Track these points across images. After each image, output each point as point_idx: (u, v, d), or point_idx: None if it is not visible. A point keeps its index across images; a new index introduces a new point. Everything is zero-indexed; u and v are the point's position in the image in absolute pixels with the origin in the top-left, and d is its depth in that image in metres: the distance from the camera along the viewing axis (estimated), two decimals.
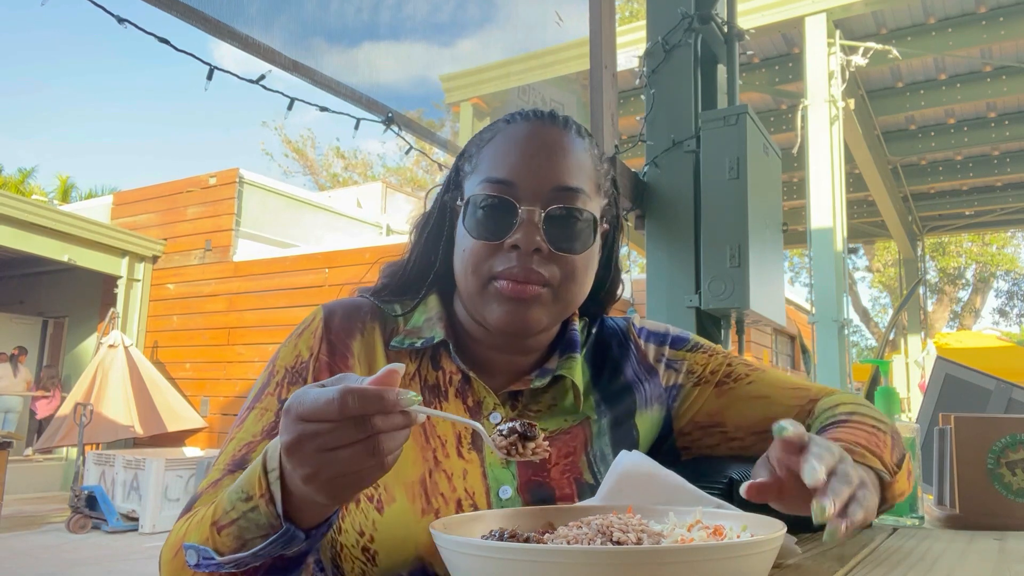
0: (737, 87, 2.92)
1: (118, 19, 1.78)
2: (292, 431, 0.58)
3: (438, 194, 1.00)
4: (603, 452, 0.91)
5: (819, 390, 1.00)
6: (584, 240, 0.89)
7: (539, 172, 0.88)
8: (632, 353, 1.01)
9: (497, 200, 0.87)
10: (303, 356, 0.89)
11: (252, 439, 0.83)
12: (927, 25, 6.02)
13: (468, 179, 0.93)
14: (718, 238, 2.52)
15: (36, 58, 74.71)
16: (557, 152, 0.90)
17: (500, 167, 0.89)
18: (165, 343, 10.21)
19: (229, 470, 0.81)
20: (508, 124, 0.94)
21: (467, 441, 0.88)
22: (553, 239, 0.86)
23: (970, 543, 0.99)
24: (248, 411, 0.87)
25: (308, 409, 0.57)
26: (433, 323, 0.93)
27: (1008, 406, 1.59)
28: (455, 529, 0.59)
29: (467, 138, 1.01)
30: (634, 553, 0.49)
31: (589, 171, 0.93)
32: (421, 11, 3.12)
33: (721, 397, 0.99)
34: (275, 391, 0.87)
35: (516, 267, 0.85)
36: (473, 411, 0.90)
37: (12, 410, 10.38)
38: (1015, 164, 8.08)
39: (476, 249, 0.88)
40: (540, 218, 0.86)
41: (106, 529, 7.10)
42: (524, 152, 0.89)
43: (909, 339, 10.42)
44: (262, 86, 2.12)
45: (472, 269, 0.88)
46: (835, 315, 5.50)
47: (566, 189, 0.88)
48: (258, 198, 10.42)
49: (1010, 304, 22.03)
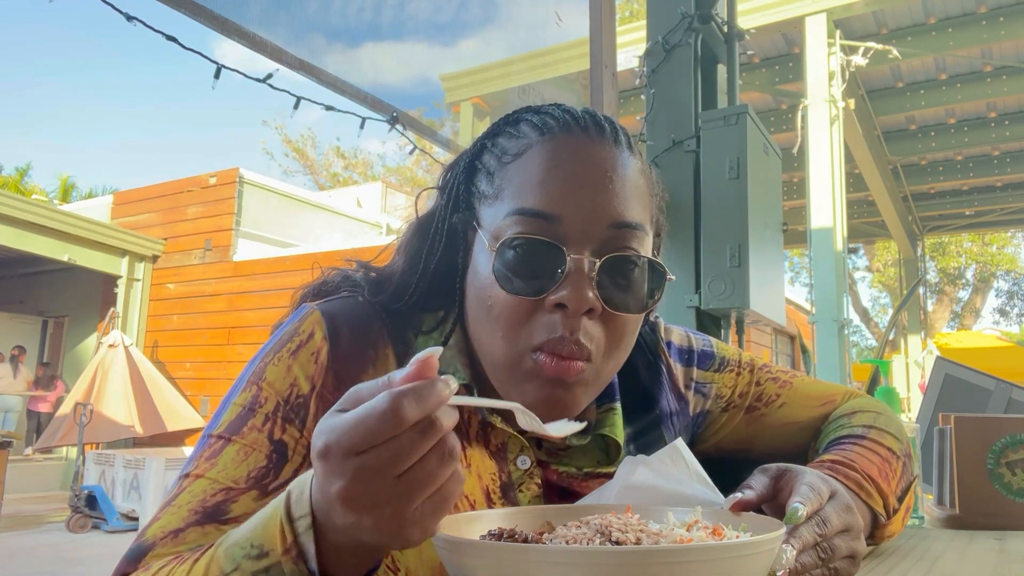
0: (737, 87, 2.92)
1: (127, 16, 1.79)
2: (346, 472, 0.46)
3: (440, 211, 0.79)
4: None
5: (843, 395, 0.97)
6: (642, 299, 0.72)
7: (593, 203, 0.69)
8: (664, 380, 0.88)
9: (538, 244, 0.68)
10: (301, 388, 0.71)
11: (233, 485, 0.66)
12: (927, 25, 6.02)
13: (487, 204, 0.74)
14: (718, 238, 2.52)
15: (36, 55, 74.77)
16: (614, 178, 0.71)
17: (538, 194, 0.70)
18: (165, 343, 10.22)
19: (196, 520, 0.64)
20: (542, 136, 0.73)
21: (496, 495, 0.75)
22: (608, 297, 0.69)
23: (970, 543, 0.99)
24: (224, 442, 0.69)
25: (358, 436, 0.45)
26: (454, 358, 0.77)
27: (1008, 406, 1.59)
28: (454, 529, 0.59)
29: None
30: (633, 553, 0.49)
31: (646, 200, 0.75)
32: (423, 11, 3.12)
33: (751, 425, 0.93)
34: (264, 426, 0.69)
35: (559, 337, 0.68)
36: (498, 456, 0.76)
37: (12, 410, 10.39)
38: (1015, 164, 8.08)
39: (510, 308, 0.69)
40: (594, 268, 0.68)
41: (106, 529, 7.10)
42: (571, 175, 0.70)
43: (909, 339, 10.43)
44: (269, 85, 2.13)
45: (505, 334, 0.70)
46: (835, 315, 5.50)
47: (627, 226, 0.70)
48: (258, 198, 10.42)
49: (1010, 304, 22.04)
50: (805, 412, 0.94)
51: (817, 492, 0.65)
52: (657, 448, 0.77)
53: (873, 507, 0.78)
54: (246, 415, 0.70)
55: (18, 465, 9.19)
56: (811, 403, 0.95)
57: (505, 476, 0.76)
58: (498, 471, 0.76)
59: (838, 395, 0.97)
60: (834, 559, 0.64)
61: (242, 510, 0.65)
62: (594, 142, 0.73)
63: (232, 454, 0.68)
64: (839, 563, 0.65)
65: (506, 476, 0.76)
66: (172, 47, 1.87)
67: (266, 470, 0.68)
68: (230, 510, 0.65)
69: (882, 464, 0.81)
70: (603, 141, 0.73)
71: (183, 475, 0.69)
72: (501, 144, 0.76)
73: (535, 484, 0.76)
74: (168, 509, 0.66)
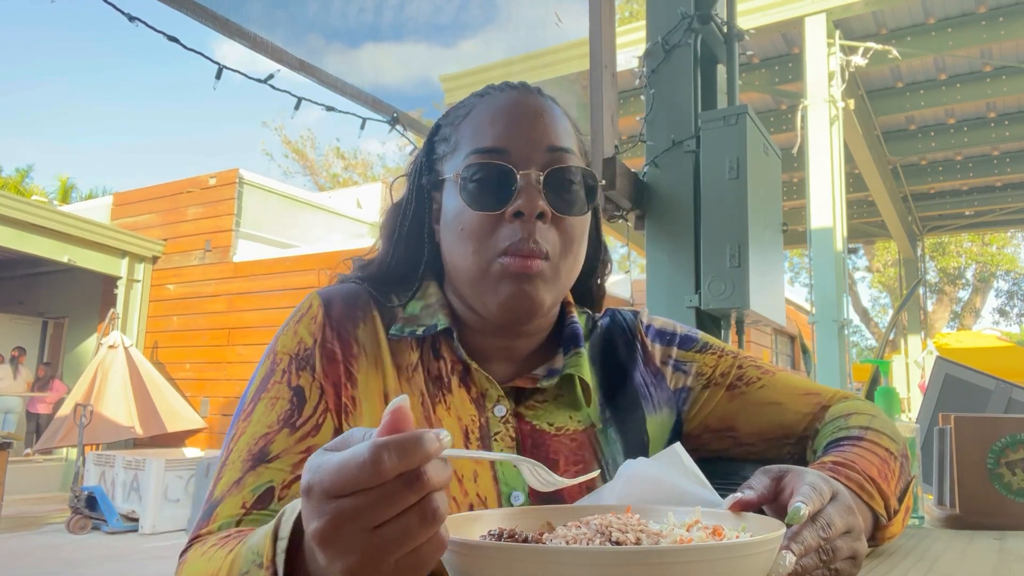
0: (737, 87, 2.92)
1: (129, 17, 1.79)
2: (324, 513, 0.46)
3: (410, 181, 0.96)
4: (615, 461, 0.89)
5: (831, 394, 0.98)
6: (582, 203, 0.87)
7: (531, 135, 0.86)
8: (639, 355, 0.98)
9: (494, 167, 0.84)
10: (306, 343, 0.85)
11: (268, 430, 0.80)
12: (927, 25, 6.02)
13: (448, 159, 0.90)
14: (718, 238, 2.52)
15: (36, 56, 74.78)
16: (544, 115, 0.89)
17: (487, 136, 0.86)
18: (165, 343, 10.22)
19: (249, 467, 0.77)
20: (483, 97, 0.92)
21: (475, 438, 0.84)
22: (554, 203, 0.85)
23: (970, 543, 0.99)
24: (254, 403, 0.82)
25: (339, 481, 0.45)
26: (434, 310, 0.90)
27: (1008, 406, 1.59)
28: (453, 529, 0.59)
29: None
30: (633, 553, 0.49)
31: (573, 134, 0.92)
32: (423, 12, 3.12)
33: (733, 401, 0.97)
34: (282, 378, 0.83)
35: (519, 239, 0.82)
36: (477, 402, 0.87)
37: (12, 411, 10.39)
38: (1015, 164, 8.08)
39: (477, 222, 0.84)
40: (539, 181, 0.84)
41: (106, 530, 7.10)
42: (511, 118, 0.87)
43: (909, 339, 10.42)
44: (270, 85, 2.13)
45: (476, 247, 0.84)
46: (835, 315, 5.49)
47: (560, 149, 0.87)
48: (258, 198, 10.43)
49: (1010, 304, 22.04)
50: (787, 397, 0.97)
51: (819, 492, 0.65)
52: (633, 412, 0.93)
53: (875, 508, 0.78)
54: (267, 377, 0.84)
55: (18, 466, 9.19)
56: (793, 390, 0.97)
57: (484, 421, 0.86)
58: (477, 416, 0.86)
59: (825, 393, 0.98)
60: (836, 560, 0.64)
61: (280, 447, 0.79)
62: (525, 94, 0.91)
63: (262, 408, 0.82)
64: (840, 564, 0.65)
65: (484, 422, 0.86)
66: (171, 48, 1.88)
67: (291, 411, 0.81)
68: (271, 450, 0.78)
69: (881, 465, 0.82)
70: (531, 94, 0.91)
71: (228, 440, 0.81)
72: (451, 115, 0.94)
73: (509, 436, 0.86)
74: (225, 468, 0.79)
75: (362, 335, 0.88)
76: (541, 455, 0.85)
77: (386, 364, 0.87)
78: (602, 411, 0.92)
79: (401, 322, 0.90)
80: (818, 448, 0.89)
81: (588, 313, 1.03)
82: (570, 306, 0.98)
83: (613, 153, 2.59)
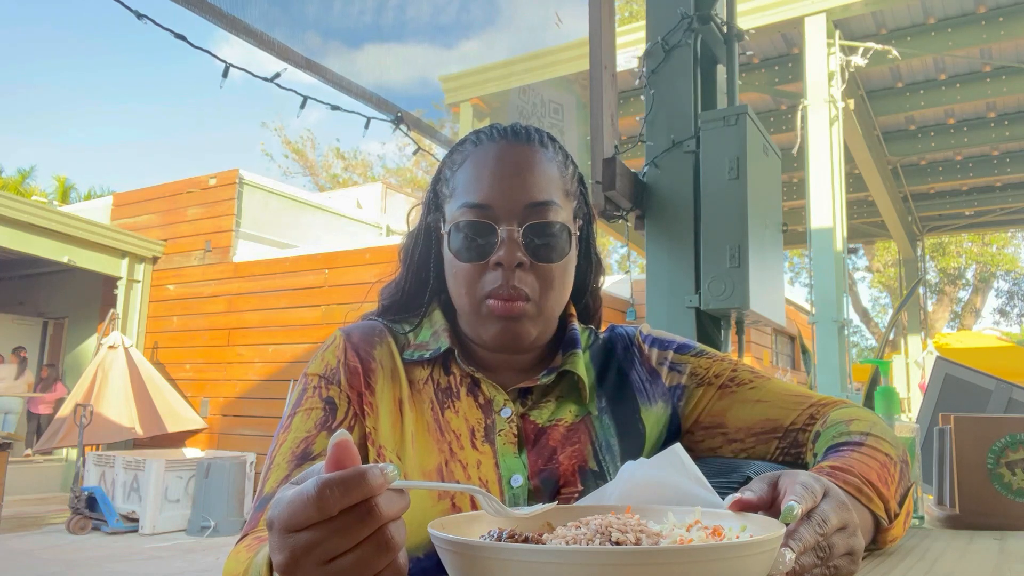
0: (737, 87, 2.92)
1: (137, 14, 1.79)
2: (284, 547, 0.49)
3: (421, 216, 1.07)
4: (608, 442, 0.95)
5: (821, 398, 1.01)
6: (560, 249, 0.96)
7: (512, 193, 0.94)
8: (636, 358, 1.06)
9: (478, 224, 0.94)
10: (331, 364, 0.96)
11: (307, 434, 0.90)
12: (927, 25, 6.02)
13: (448, 202, 1.00)
14: (718, 238, 2.52)
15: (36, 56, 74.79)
16: (525, 170, 0.96)
17: (474, 191, 0.95)
18: (165, 344, 10.22)
19: (295, 464, 0.87)
20: (476, 146, 1.00)
21: (480, 435, 0.93)
22: (533, 252, 0.93)
23: (970, 543, 0.99)
24: (291, 418, 0.93)
25: (292, 516, 0.48)
26: (439, 334, 1.00)
27: (1008, 406, 1.59)
28: (453, 529, 0.59)
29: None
30: (633, 553, 0.49)
31: (557, 180, 0.99)
32: (424, 13, 3.12)
33: (723, 399, 1.01)
34: (314, 394, 0.94)
35: (502, 285, 0.92)
36: (485, 408, 0.96)
37: (12, 411, 10.39)
38: (1015, 164, 8.08)
39: (466, 272, 0.95)
40: (519, 235, 0.93)
41: (106, 530, 7.10)
42: (495, 174, 0.95)
43: (909, 339, 10.42)
44: (276, 84, 2.13)
45: (465, 291, 0.95)
46: (835, 315, 5.50)
47: (539, 204, 0.95)
48: (258, 199, 10.42)
49: (1010, 304, 22.04)
50: (777, 398, 1.00)
51: (811, 491, 0.66)
52: (627, 403, 1.00)
53: (875, 511, 0.79)
54: (301, 395, 0.96)
55: (18, 466, 9.20)
56: (785, 393, 1.01)
57: (489, 422, 0.95)
58: (483, 418, 0.95)
59: (814, 396, 1.01)
60: (833, 557, 0.65)
61: (321, 447, 0.89)
62: (511, 144, 0.98)
63: (300, 419, 0.92)
64: (838, 560, 0.65)
65: (490, 422, 0.95)
66: (172, 49, 1.89)
67: (326, 417, 0.92)
68: (313, 450, 0.89)
69: (880, 469, 0.83)
70: (517, 143, 0.98)
71: (272, 449, 0.92)
72: (453, 158, 1.03)
73: (512, 433, 0.94)
74: (272, 469, 0.89)
75: (379, 354, 0.99)
76: (541, 446, 0.93)
77: (401, 377, 0.98)
78: (598, 400, 1.00)
79: (413, 348, 1.01)
80: (819, 452, 0.90)
81: (591, 329, 1.11)
82: (571, 317, 1.06)
83: (613, 153, 2.59)
